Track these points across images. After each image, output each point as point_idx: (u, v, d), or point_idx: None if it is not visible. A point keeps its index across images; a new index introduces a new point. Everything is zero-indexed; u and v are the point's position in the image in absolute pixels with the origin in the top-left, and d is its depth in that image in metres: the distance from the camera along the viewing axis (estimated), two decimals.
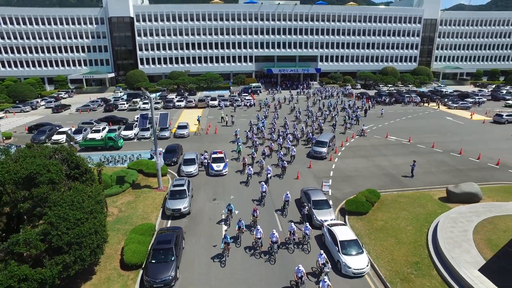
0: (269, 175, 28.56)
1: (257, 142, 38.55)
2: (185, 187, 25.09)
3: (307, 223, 20.49)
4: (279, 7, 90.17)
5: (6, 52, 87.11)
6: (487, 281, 15.41)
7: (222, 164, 31.15)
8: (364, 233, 21.32)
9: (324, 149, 34.86)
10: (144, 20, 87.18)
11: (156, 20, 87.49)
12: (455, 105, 62.07)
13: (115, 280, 17.62)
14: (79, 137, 42.18)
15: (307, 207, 22.95)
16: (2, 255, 14.08)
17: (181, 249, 19.28)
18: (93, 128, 44.56)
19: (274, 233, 19.17)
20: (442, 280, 16.77)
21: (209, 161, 31.96)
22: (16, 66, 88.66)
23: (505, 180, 29.51)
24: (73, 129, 45.31)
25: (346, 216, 23.35)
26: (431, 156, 36.23)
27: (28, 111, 63.76)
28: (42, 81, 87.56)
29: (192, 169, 30.65)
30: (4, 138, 42.50)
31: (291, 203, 25.03)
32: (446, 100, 65.66)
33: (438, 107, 62.61)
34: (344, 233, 19.35)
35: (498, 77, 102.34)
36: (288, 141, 39.02)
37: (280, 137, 39.57)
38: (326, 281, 15.17)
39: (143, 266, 18.30)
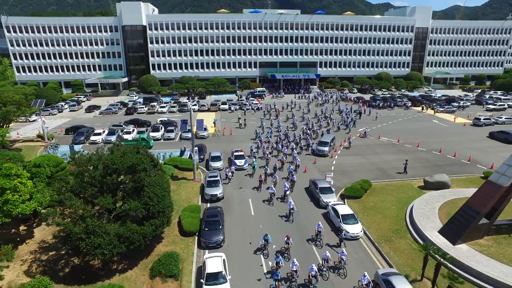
0: (287, 192, 30.42)
1: (268, 155, 39.92)
2: (218, 178, 31.87)
3: (344, 249, 21.71)
4: (281, 17, 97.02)
5: (27, 58, 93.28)
6: (442, 237, 22.33)
7: (243, 160, 37.95)
8: (359, 211, 28.16)
9: (326, 148, 41.80)
10: (156, 29, 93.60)
11: (167, 28, 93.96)
12: (442, 109, 69.17)
13: (179, 242, 24.35)
14: (113, 138, 48.76)
15: (344, 231, 23.95)
16: (111, 218, 20.83)
17: (224, 221, 26.01)
18: (124, 130, 51.17)
19: (313, 267, 19.45)
20: (413, 240, 23.66)
21: (232, 171, 35.46)
22: (35, 71, 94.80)
23: (472, 173, 36.54)
24: (106, 131, 51.73)
25: (345, 199, 30.19)
26: (415, 154, 43.21)
27: (55, 114, 70.11)
28: (59, 85, 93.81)
29: (218, 164, 37.38)
30: (51, 139, 48.94)
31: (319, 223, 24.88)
32: (434, 104, 72.66)
33: (434, 113, 68.19)
34: (344, 209, 26.25)
35: (485, 82, 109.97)
36: (294, 150, 40.87)
37: (285, 147, 42.38)
38: None
39: (197, 234, 25.03)
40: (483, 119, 57.55)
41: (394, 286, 18.17)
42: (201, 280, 19.42)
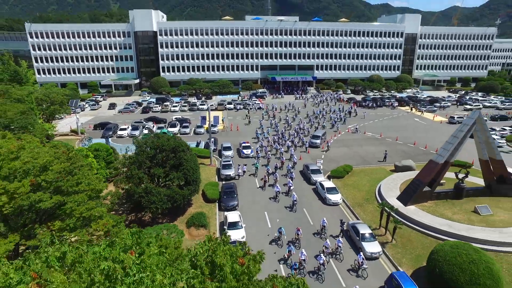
0: (291, 188, 35.18)
1: (270, 154, 45.19)
2: (231, 162, 40.23)
3: (340, 238, 25.58)
4: (281, 24, 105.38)
5: (47, 61, 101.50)
6: (398, 202, 30.63)
7: (249, 150, 46.33)
8: (340, 187, 36.46)
9: (318, 141, 50.20)
10: (166, 34, 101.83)
11: (176, 34, 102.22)
12: (424, 108, 77.50)
13: (204, 206, 32.65)
14: (136, 132, 56.98)
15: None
16: (155, 186, 29.11)
17: (237, 192, 34.28)
18: (145, 126, 59.41)
19: (321, 256, 22.69)
20: (378, 205, 31.92)
21: (244, 170, 40.51)
22: (54, 73, 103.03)
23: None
24: (130, 127, 59.89)
25: (331, 179, 38.49)
26: (393, 146, 51.55)
27: (78, 112, 78.11)
28: (76, 86, 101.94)
29: (229, 153, 45.64)
30: (83, 133, 57.17)
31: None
32: (418, 104, 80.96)
33: (422, 113, 75.87)
34: (328, 184, 34.63)
35: (470, 84, 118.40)
36: (291, 148, 46.98)
37: (281, 146, 48.07)
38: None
39: (217, 201, 33.31)
40: (457, 117, 65.87)
41: (358, 229, 26.48)
42: (224, 227, 27.70)
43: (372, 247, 25.10)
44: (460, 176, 31.21)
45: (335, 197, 33.08)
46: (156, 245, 7.81)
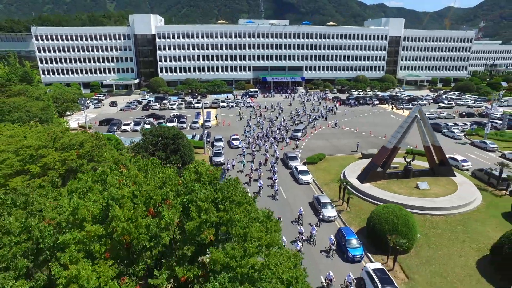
0: (276, 180, 38.59)
1: (255, 151, 49.67)
2: (221, 151, 47.04)
3: (314, 226, 28.83)
4: (272, 27, 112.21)
5: (52, 62, 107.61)
6: (357, 180, 37.54)
7: (238, 141, 53.11)
8: (313, 170, 43.33)
9: (299, 134, 57.15)
10: (164, 37, 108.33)
11: (173, 37, 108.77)
12: (401, 106, 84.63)
13: None
14: (139, 127, 63.49)
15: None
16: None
17: (225, 175, 41.01)
18: (146, 121, 65.97)
19: (298, 244, 25.87)
20: (337, 180, 38.80)
21: (233, 164, 45.03)
22: (58, 73, 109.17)
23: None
24: (132, 122, 66.40)
25: (306, 164, 45.35)
26: (366, 139, 58.52)
27: (83, 110, 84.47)
28: (79, 86, 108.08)
29: (221, 143, 52.43)
30: (90, 129, 63.64)
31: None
32: (397, 103, 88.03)
33: (399, 110, 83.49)
34: (301, 167, 41.58)
35: (451, 84, 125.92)
36: (274, 144, 51.60)
37: (266, 143, 53.15)
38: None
39: None
40: (428, 114, 72.95)
41: (320, 199, 33.35)
42: None
43: (330, 212, 31.97)
44: (408, 159, 38.16)
45: (306, 178, 39.99)
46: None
